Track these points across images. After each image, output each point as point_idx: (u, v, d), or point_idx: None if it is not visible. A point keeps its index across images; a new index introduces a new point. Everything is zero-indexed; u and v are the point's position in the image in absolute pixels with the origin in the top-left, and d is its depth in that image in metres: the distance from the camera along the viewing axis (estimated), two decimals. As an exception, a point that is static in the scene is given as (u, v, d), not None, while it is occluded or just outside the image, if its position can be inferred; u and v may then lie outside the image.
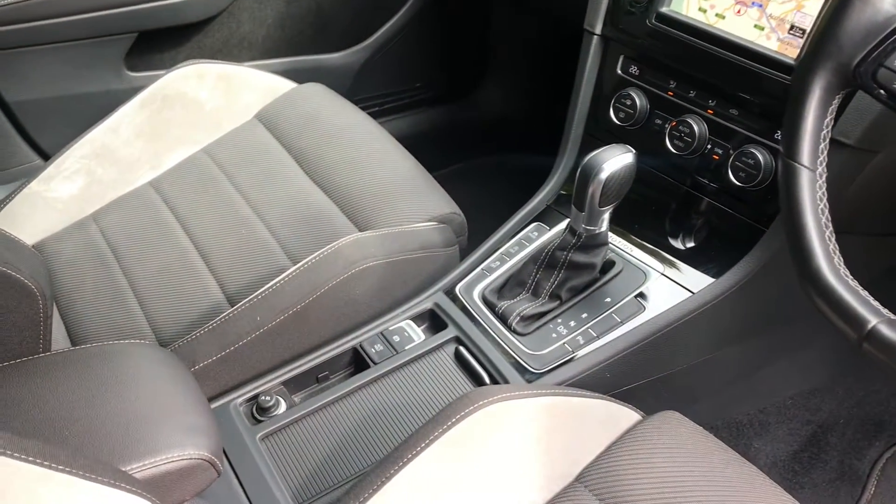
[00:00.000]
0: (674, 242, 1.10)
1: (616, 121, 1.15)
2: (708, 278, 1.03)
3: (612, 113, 1.15)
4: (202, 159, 1.25)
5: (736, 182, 1.01)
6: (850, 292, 0.66)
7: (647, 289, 1.05)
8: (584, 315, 1.03)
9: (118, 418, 0.77)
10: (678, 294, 1.03)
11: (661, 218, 1.13)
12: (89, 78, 1.42)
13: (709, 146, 1.06)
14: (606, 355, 0.99)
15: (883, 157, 0.90)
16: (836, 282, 0.67)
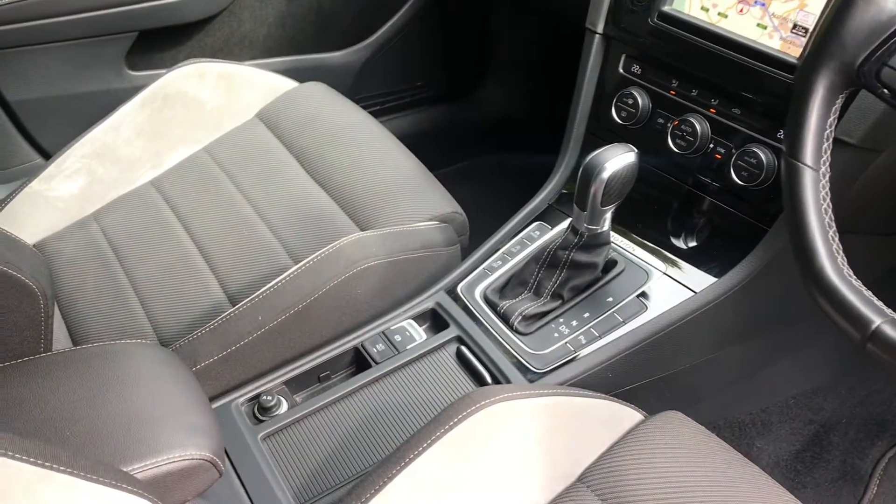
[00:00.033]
0: (676, 242, 1.10)
1: (618, 120, 1.15)
2: (710, 278, 1.03)
3: (613, 112, 1.15)
4: (203, 158, 1.25)
5: (738, 181, 1.01)
6: (853, 292, 0.66)
7: (649, 288, 1.04)
8: (586, 314, 1.03)
9: (119, 418, 0.77)
10: (680, 293, 1.03)
11: (663, 217, 1.13)
12: (90, 77, 1.42)
13: (711, 145, 1.05)
14: (608, 355, 0.99)
15: (886, 156, 0.89)
16: (840, 282, 0.67)
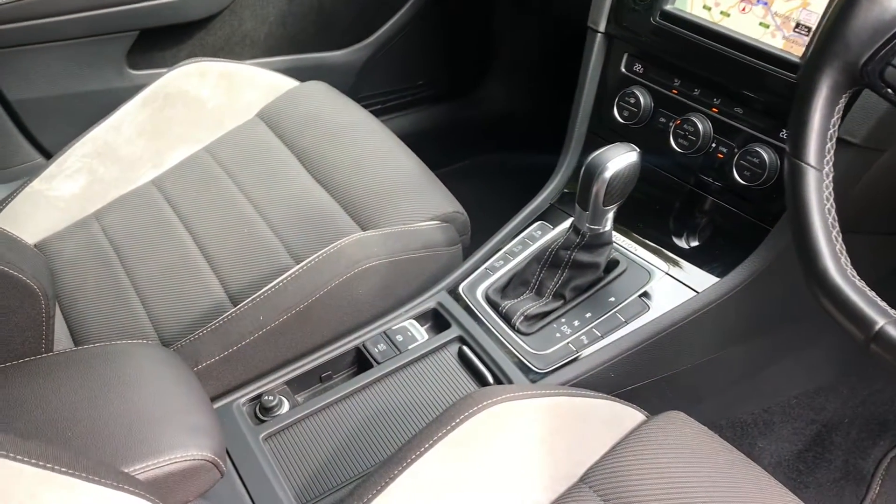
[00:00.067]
0: (678, 241, 1.09)
1: (620, 119, 1.14)
2: (712, 277, 1.03)
3: (615, 111, 1.15)
4: (204, 158, 1.24)
5: (740, 181, 1.01)
6: (857, 293, 0.66)
7: (651, 288, 1.04)
8: (588, 314, 1.03)
9: (121, 419, 0.77)
10: (682, 293, 1.03)
11: (665, 217, 1.13)
12: (91, 76, 1.42)
13: (713, 145, 1.05)
14: (610, 355, 0.98)
15: (889, 155, 0.89)
16: (843, 282, 0.67)
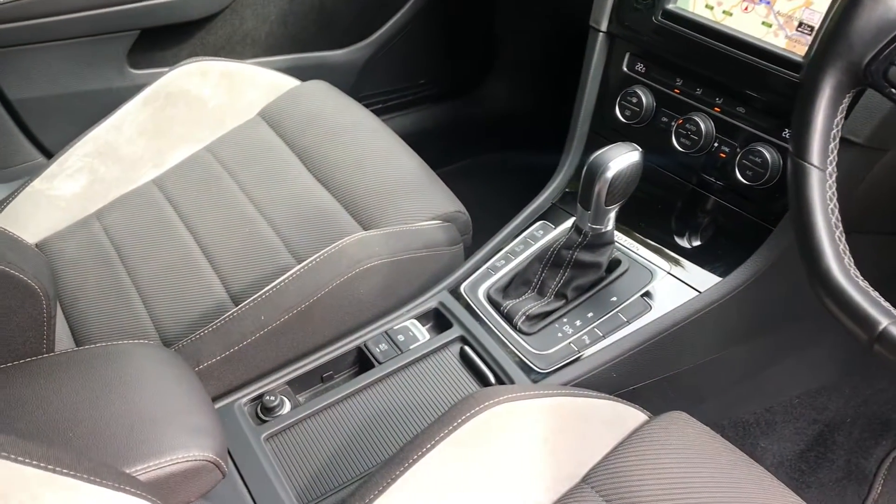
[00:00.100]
0: (680, 241, 1.09)
1: (622, 118, 1.14)
2: (715, 277, 1.03)
3: (617, 111, 1.14)
4: (205, 157, 1.24)
5: (743, 180, 1.01)
6: (860, 293, 0.65)
7: (653, 288, 1.04)
8: (590, 314, 1.02)
9: (122, 419, 0.77)
10: (685, 293, 1.02)
11: (667, 216, 1.12)
12: (92, 75, 1.42)
13: (715, 144, 1.05)
14: (612, 355, 0.98)
15: (892, 155, 0.89)
16: (847, 283, 0.66)
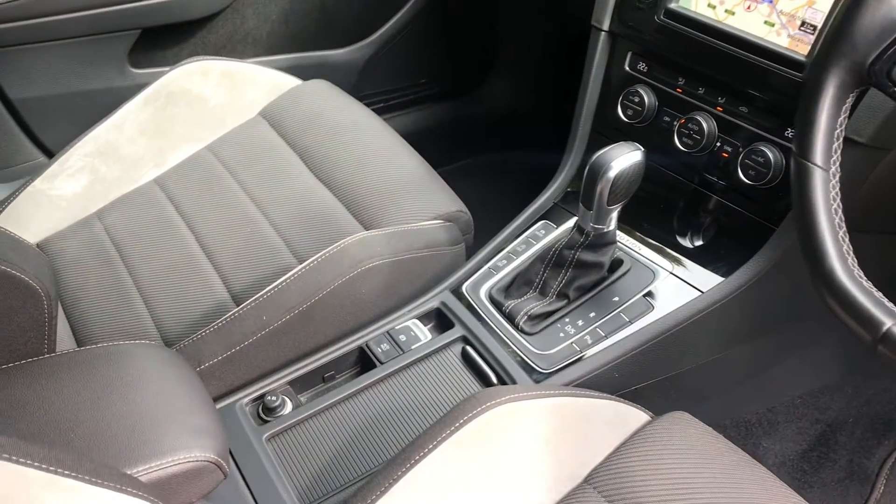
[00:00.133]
0: (682, 241, 1.09)
1: (624, 118, 1.14)
2: (717, 277, 1.03)
3: (619, 110, 1.14)
4: (206, 157, 1.24)
5: (745, 180, 1.00)
6: (864, 294, 0.65)
7: (655, 288, 1.04)
8: (592, 314, 1.02)
9: (124, 420, 0.77)
10: (687, 293, 1.02)
11: (669, 216, 1.12)
12: (93, 75, 1.42)
13: (718, 144, 1.05)
14: (615, 355, 0.98)
15: (895, 154, 0.89)
16: (850, 283, 0.66)
